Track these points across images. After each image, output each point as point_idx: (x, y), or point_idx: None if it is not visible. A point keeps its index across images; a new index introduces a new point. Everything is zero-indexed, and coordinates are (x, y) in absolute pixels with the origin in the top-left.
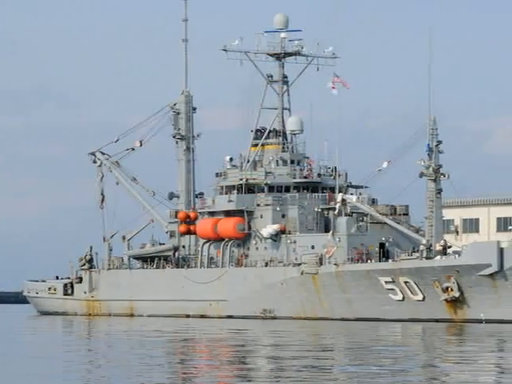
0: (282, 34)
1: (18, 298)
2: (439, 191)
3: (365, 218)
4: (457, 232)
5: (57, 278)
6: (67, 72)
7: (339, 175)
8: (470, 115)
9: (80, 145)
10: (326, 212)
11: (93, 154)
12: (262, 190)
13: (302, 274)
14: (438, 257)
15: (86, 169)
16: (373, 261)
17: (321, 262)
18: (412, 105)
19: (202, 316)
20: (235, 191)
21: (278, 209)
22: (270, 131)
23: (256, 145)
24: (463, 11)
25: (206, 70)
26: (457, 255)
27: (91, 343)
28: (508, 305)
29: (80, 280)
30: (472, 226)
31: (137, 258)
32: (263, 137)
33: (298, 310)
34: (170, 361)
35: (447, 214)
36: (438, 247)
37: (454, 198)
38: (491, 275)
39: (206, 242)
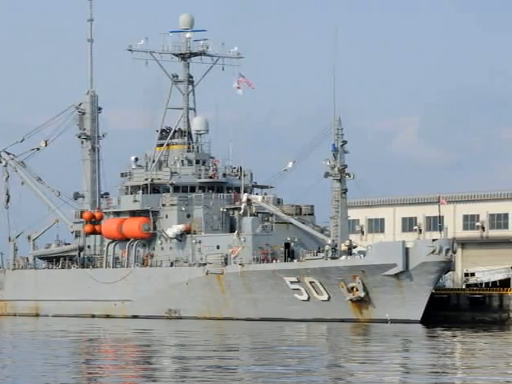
0: (188, 34)
1: None
2: (344, 191)
3: (270, 218)
4: (362, 232)
5: None
6: None
7: (244, 175)
8: (374, 115)
9: None
10: (231, 212)
11: None
12: (168, 190)
13: (207, 273)
14: (344, 257)
15: None
16: (278, 261)
17: (226, 262)
18: (317, 105)
19: (108, 316)
20: (140, 191)
21: (183, 209)
22: (175, 131)
23: (161, 145)
24: (368, 11)
25: (111, 70)
26: (362, 255)
27: None
28: (413, 305)
29: None
30: (377, 226)
31: (42, 257)
32: (168, 137)
33: (203, 310)
34: (75, 361)
35: (352, 214)
36: (344, 247)
37: (359, 197)
38: (396, 275)
39: (112, 242)
